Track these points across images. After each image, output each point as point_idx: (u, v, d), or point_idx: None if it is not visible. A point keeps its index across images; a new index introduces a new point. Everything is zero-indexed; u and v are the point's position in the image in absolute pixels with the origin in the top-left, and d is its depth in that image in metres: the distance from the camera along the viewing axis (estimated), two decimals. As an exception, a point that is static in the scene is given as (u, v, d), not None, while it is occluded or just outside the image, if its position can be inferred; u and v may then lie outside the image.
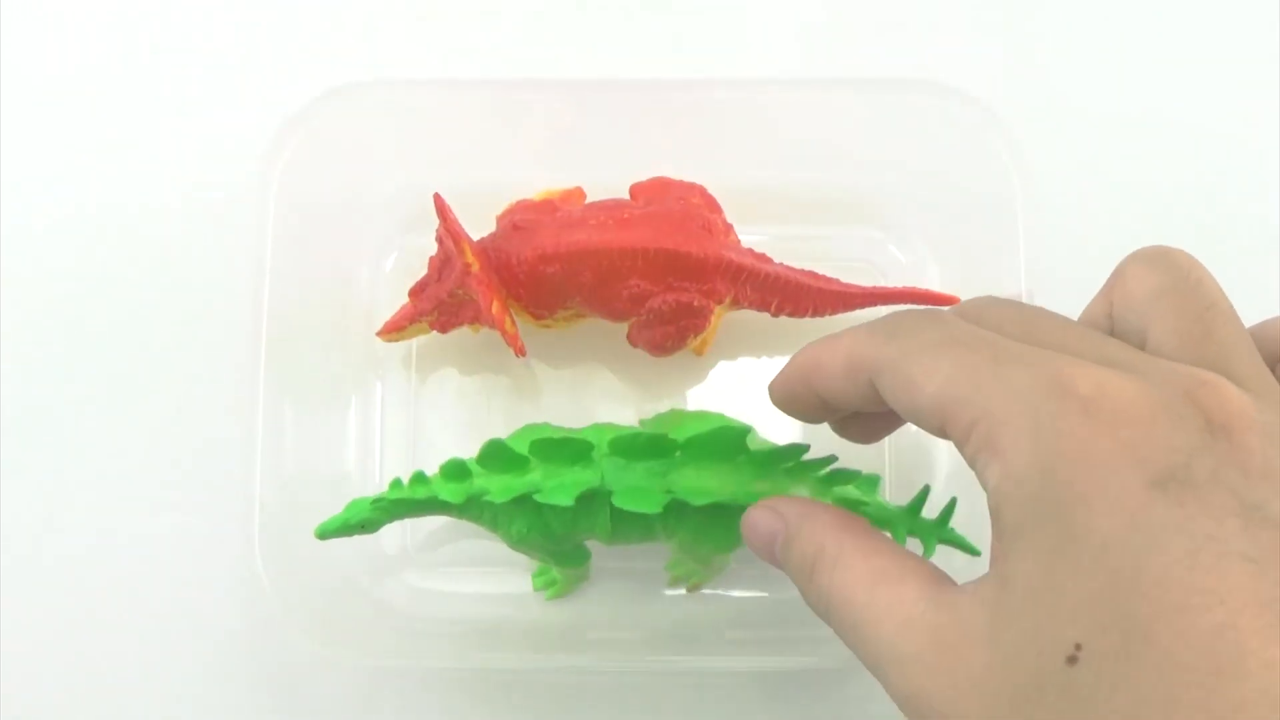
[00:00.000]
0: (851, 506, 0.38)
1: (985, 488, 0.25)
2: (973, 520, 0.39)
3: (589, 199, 0.42)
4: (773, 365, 0.43)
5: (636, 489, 0.36)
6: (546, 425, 0.39)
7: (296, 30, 0.47)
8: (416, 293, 0.41)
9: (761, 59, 0.47)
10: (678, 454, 0.37)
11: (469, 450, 0.37)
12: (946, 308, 0.29)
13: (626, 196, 0.41)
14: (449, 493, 0.37)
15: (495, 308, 0.39)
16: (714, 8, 0.47)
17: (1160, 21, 0.47)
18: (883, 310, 0.42)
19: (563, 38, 0.47)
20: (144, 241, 0.45)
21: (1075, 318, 0.43)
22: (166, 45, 0.47)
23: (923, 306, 0.36)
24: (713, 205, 0.41)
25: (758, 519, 0.31)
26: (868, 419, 0.32)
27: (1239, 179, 0.45)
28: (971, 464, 0.25)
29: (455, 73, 0.46)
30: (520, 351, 0.40)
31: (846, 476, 0.38)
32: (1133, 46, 0.47)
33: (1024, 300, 0.36)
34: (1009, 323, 0.27)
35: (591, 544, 0.40)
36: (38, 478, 0.43)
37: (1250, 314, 0.44)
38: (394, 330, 0.41)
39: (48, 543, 0.42)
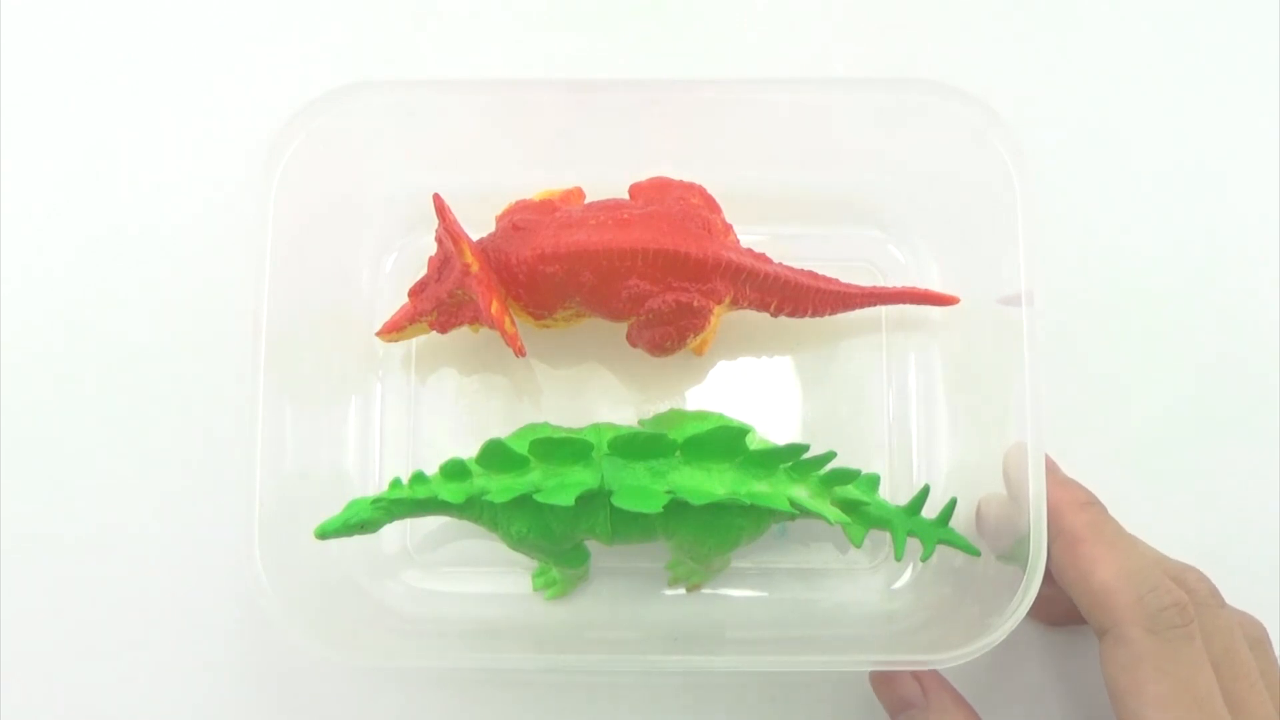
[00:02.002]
0: (852, 506, 0.38)
1: None
2: (972, 520, 0.39)
3: (588, 199, 0.42)
4: (772, 365, 0.43)
5: (636, 489, 0.36)
6: (546, 425, 0.39)
7: (297, 31, 0.47)
8: (416, 292, 0.41)
9: (761, 59, 0.47)
10: (677, 454, 0.37)
11: (469, 450, 0.37)
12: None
13: (626, 197, 0.41)
14: (449, 493, 0.37)
15: (495, 308, 0.39)
16: (714, 8, 0.47)
17: (1161, 22, 0.47)
18: (882, 310, 0.43)
19: (563, 38, 0.47)
20: (144, 241, 0.45)
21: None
22: (167, 46, 0.47)
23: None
24: (712, 205, 0.41)
25: (900, 680, 0.37)
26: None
27: (1239, 179, 0.45)
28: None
29: (455, 73, 0.46)
30: (520, 351, 0.40)
31: (846, 476, 0.38)
32: (1133, 46, 0.47)
33: (1024, 300, 0.36)
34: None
35: (591, 544, 0.40)
36: (38, 477, 0.43)
37: (1250, 314, 0.44)
38: (394, 330, 0.41)
39: (47, 542, 0.42)
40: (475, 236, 0.40)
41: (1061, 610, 0.37)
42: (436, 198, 0.38)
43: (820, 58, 0.47)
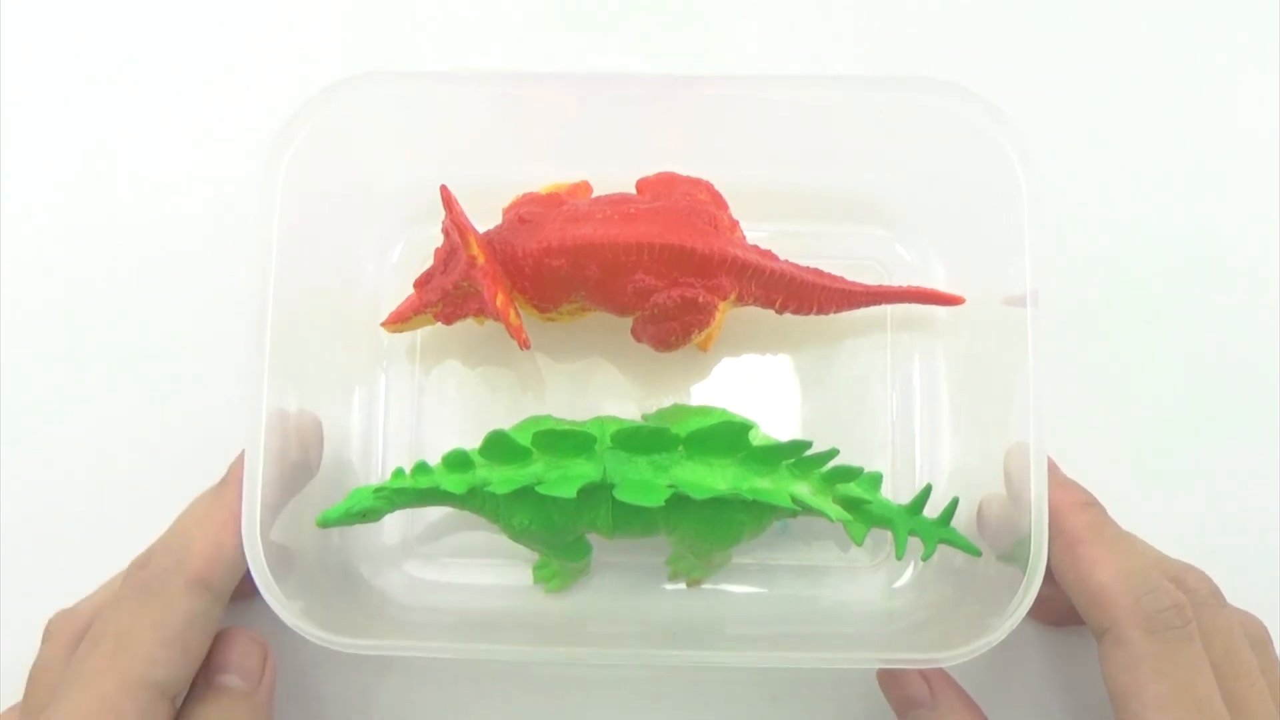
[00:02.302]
0: (853, 504, 0.38)
1: None
2: (973, 520, 0.39)
3: (595, 193, 0.42)
4: (777, 362, 0.43)
5: (638, 482, 0.36)
6: (549, 418, 0.39)
7: (301, 27, 0.47)
8: (422, 284, 0.41)
9: (769, 56, 0.47)
10: (680, 448, 0.37)
11: (472, 441, 0.37)
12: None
13: (633, 191, 0.41)
14: (451, 483, 0.37)
15: (500, 300, 0.39)
16: (715, 8, 0.47)
17: (1161, 22, 0.47)
18: (887, 309, 0.43)
19: (570, 32, 0.47)
20: (151, 234, 0.45)
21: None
22: (170, 41, 0.47)
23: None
24: (719, 201, 0.41)
25: (908, 680, 0.37)
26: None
27: (1239, 179, 0.45)
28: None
29: (463, 66, 0.46)
30: (524, 344, 0.40)
31: (848, 474, 0.38)
32: (1133, 46, 0.47)
33: (1029, 301, 0.36)
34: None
35: (592, 537, 0.40)
36: (39, 471, 0.43)
37: (1250, 314, 0.44)
38: (399, 321, 0.41)
39: (48, 537, 0.42)
40: (481, 229, 0.40)
41: (1061, 610, 0.37)
42: (444, 190, 0.38)
43: (822, 57, 0.47)
